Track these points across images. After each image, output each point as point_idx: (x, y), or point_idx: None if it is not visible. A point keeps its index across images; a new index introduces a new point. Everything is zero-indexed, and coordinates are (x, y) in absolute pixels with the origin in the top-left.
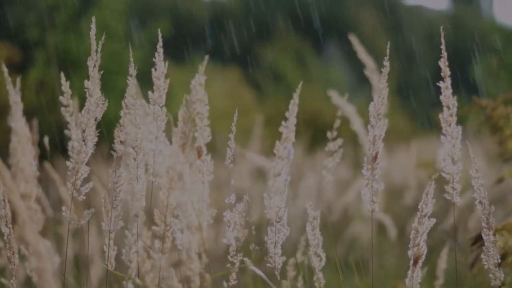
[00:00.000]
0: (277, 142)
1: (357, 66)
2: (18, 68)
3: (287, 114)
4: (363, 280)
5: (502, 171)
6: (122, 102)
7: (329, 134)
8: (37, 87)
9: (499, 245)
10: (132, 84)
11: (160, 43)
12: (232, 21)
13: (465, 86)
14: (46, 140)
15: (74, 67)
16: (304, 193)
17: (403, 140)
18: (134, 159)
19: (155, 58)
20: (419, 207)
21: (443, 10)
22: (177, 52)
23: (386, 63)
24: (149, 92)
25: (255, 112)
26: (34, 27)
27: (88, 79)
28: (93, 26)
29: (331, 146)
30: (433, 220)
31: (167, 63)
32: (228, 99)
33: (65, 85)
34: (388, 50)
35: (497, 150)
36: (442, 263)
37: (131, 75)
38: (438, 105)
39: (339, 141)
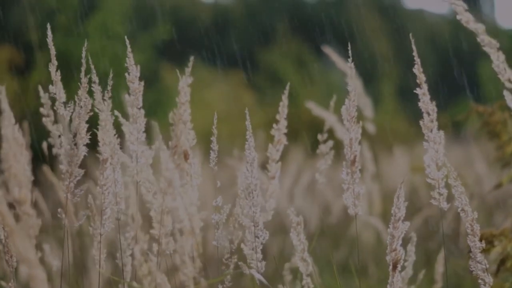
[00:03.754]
0: (269, 145)
1: (358, 70)
2: (20, 70)
3: (277, 116)
4: (363, 283)
5: (502, 176)
6: (95, 108)
7: (319, 137)
8: (37, 89)
9: (497, 251)
10: (97, 90)
11: (129, 48)
12: (234, 24)
13: (468, 89)
14: (44, 144)
15: (76, 70)
16: (304, 197)
17: (404, 144)
18: (110, 163)
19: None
20: (392, 211)
21: (444, 14)
22: (179, 55)
23: (351, 64)
24: (126, 96)
25: (256, 116)
26: (35, 29)
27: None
28: (49, 32)
29: (322, 148)
30: (407, 224)
31: (139, 67)
32: (229, 102)
33: (44, 96)
34: (350, 53)
35: (495, 155)
36: (440, 267)
37: (94, 82)
38: (439, 109)
39: (330, 143)
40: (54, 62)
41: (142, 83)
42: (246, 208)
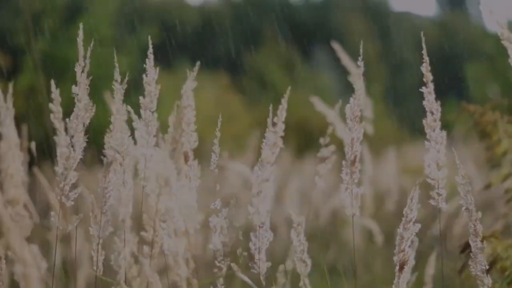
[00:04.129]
0: (264, 147)
1: (346, 72)
2: (7, 74)
3: (275, 119)
4: (350, 285)
5: (490, 177)
6: (112, 107)
7: (321, 140)
8: (25, 93)
9: (487, 252)
10: (118, 90)
11: (151, 50)
12: (221, 27)
13: (454, 91)
14: (33, 145)
15: (62, 74)
16: (292, 199)
17: (392, 146)
18: (121, 164)
19: (145, 64)
20: (404, 212)
21: (431, 16)
22: (165, 58)
23: (361, 63)
24: (140, 98)
25: (243, 118)
26: (22, 33)
27: (76, 85)
28: (80, 32)
29: (324, 152)
30: (418, 226)
31: (157, 69)
32: (216, 105)
33: (55, 92)
34: (361, 51)
35: (485, 156)
36: (430, 269)
37: (116, 81)
38: (426, 111)
39: (332, 147)
40: (82, 63)
41: (159, 86)
42: (255, 209)
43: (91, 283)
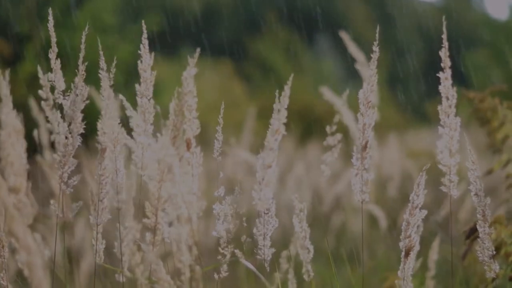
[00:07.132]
0: (268, 133)
1: (349, 59)
2: (9, 62)
3: (278, 106)
4: (354, 272)
5: (491, 163)
6: (100, 96)
7: (328, 129)
8: (27, 80)
9: (492, 238)
10: (105, 78)
11: (145, 35)
12: (223, 14)
13: (455, 78)
14: (35, 133)
15: (65, 61)
16: (296, 185)
17: (393, 131)
18: (112, 152)
19: (139, 50)
20: (410, 198)
21: (434, 2)
22: (168, 46)
23: (376, 48)
24: (136, 85)
25: (246, 105)
26: (24, 20)
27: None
28: (50, 17)
29: (330, 140)
30: (425, 212)
31: (153, 55)
32: (219, 92)
33: (44, 78)
34: (377, 36)
35: (486, 142)
36: (434, 254)
37: (102, 69)
38: (428, 97)
39: (338, 136)
40: (55, 49)
41: (154, 72)
42: (259, 195)
43: (94, 270)
